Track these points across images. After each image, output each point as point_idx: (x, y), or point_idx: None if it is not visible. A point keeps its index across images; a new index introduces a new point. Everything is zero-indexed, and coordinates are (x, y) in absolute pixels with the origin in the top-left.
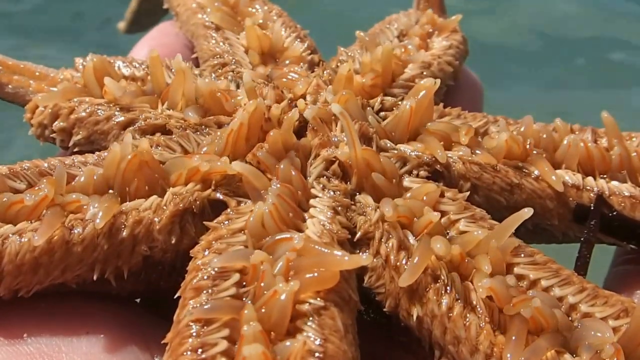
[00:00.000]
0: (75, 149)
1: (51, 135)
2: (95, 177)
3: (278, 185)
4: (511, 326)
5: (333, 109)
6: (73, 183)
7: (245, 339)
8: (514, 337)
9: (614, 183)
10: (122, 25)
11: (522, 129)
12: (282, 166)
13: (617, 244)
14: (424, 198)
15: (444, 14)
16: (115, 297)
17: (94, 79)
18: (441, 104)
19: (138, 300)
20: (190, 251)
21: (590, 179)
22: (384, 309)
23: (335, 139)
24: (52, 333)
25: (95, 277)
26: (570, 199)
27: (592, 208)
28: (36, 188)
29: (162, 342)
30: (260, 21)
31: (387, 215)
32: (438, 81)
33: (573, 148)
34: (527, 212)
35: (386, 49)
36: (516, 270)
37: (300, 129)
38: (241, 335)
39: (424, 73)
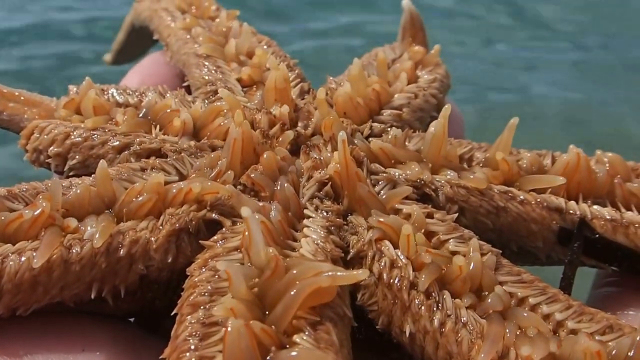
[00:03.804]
0: (71, 174)
1: (46, 161)
2: (90, 193)
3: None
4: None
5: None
6: (69, 196)
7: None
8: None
9: (596, 207)
10: (108, 57)
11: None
12: (278, 187)
13: (599, 266)
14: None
15: (426, 48)
16: (111, 316)
17: (92, 111)
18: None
19: (132, 319)
20: (187, 269)
21: (572, 203)
22: (377, 326)
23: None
24: (49, 350)
25: (93, 296)
26: (554, 222)
27: (575, 231)
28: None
29: (160, 357)
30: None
31: (373, 223)
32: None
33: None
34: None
35: (356, 65)
36: (504, 288)
37: (291, 152)
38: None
39: (410, 103)
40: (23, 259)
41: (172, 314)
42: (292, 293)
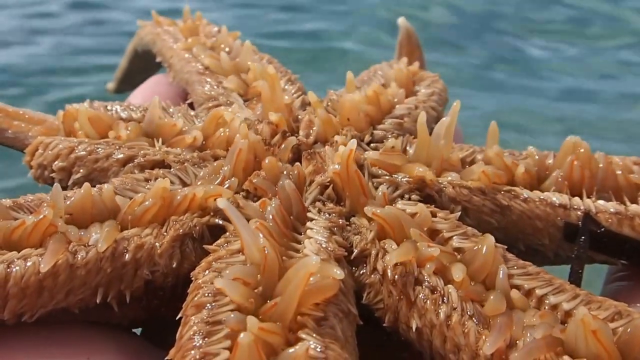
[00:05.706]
0: (75, 188)
1: (51, 176)
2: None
3: (274, 205)
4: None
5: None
6: (72, 199)
7: (240, 347)
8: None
9: (600, 202)
10: (111, 85)
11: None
12: (279, 186)
13: (608, 261)
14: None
15: (423, 65)
16: (117, 325)
17: (89, 124)
18: None
19: (139, 332)
20: (191, 273)
21: (576, 198)
22: (384, 324)
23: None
24: (53, 359)
25: (98, 301)
26: (559, 218)
27: (580, 225)
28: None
29: (166, 358)
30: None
31: (368, 213)
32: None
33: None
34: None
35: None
36: (510, 281)
37: (293, 161)
38: (236, 343)
39: (411, 113)
40: (29, 263)
41: (178, 317)
42: (290, 287)
